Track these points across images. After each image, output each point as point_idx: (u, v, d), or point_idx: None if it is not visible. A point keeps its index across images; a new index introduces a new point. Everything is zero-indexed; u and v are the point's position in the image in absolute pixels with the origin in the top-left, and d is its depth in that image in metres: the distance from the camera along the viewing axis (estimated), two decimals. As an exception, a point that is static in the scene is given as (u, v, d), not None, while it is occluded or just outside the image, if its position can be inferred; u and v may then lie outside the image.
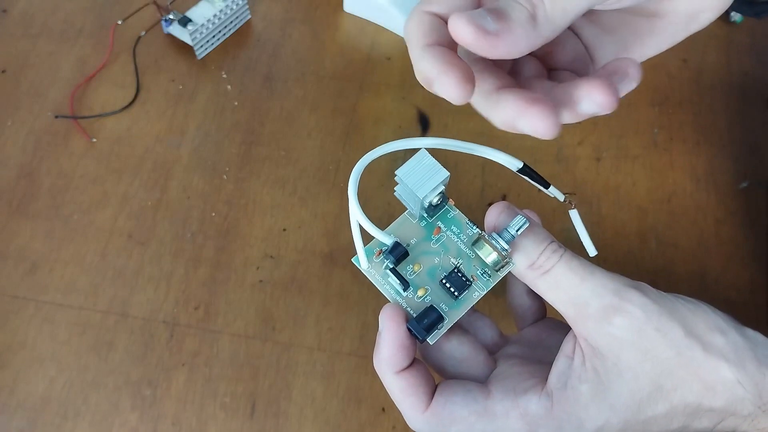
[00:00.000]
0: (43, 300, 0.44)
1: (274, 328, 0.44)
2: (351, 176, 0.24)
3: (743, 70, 0.56)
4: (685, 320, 0.24)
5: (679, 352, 0.23)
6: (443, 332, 0.25)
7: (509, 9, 0.21)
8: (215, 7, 0.53)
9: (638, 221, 0.49)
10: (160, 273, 0.45)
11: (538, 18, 0.21)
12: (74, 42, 0.55)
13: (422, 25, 0.23)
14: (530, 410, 0.25)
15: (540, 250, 0.25)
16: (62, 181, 0.48)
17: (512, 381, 0.26)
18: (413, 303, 0.26)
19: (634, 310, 0.23)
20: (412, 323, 0.25)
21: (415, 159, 0.24)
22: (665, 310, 0.24)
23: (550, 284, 0.25)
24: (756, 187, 0.50)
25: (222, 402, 0.42)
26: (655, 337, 0.23)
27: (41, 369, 0.42)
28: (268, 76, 0.54)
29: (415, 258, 0.26)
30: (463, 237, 0.27)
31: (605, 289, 0.24)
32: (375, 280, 0.26)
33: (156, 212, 0.47)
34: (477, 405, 0.25)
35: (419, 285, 0.26)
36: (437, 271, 0.26)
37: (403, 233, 0.27)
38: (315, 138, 0.51)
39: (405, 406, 0.26)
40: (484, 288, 0.26)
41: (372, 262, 0.27)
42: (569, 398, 0.24)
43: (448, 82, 0.21)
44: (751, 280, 0.47)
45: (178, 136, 0.51)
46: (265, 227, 0.47)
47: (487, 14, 0.21)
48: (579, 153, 0.51)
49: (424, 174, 0.24)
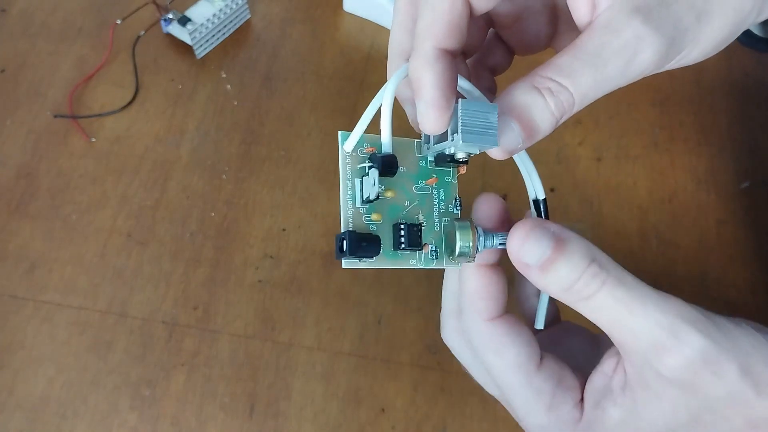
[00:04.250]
0: (42, 300, 0.44)
1: (274, 328, 0.44)
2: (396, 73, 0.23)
3: (744, 70, 0.56)
4: (744, 357, 0.22)
5: (730, 393, 0.21)
6: (359, 267, 0.23)
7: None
8: (215, 6, 0.53)
9: (639, 221, 0.48)
10: (160, 273, 0.45)
11: (564, 118, 0.22)
12: (73, 41, 0.54)
13: (444, 73, 0.22)
14: (560, 410, 0.24)
15: (577, 275, 0.22)
16: (61, 180, 0.48)
17: (560, 371, 0.25)
18: (358, 219, 0.23)
19: (691, 354, 0.21)
20: (351, 235, 0.22)
21: (483, 106, 0.21)
22: (724, 350, 0.21)
23: (592, 309, 0.22)
24: (757, 187, 0.50)
25: (221, 402, 0.41)
26: (709, 380, 0.21)
27: (40, 369, 0.42)
28: (268, 76, 0.54)
29: (393, 184, 0.24)
30: (442, 206, 0.25)
31: (658, 327, 0.21)
32: (344, 169, 0.23)
33: (155, 212, 0.47)
34: (527, 362, 0.24)
35: (377, 210, 0.24)
36: (399, 214, 0.24)
37: (399, 154, 0.24)
38: (315, 138, 0.51)
39: (472, 306, 0.25)
40: (425, 263, 0.24)
41: (356, 151, 0.24)
42: (597, 418, 0.23)
43: (437, 118, 0.22)
44: (752, 280, 0.47)
45: (177, 135, 0.51)
46: (265, 227, 0.47)
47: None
48: (579, 153, 0.51)
49: (480, 126, 0.21)
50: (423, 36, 0.22)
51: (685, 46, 0.23)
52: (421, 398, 0.42)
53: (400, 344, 0.44)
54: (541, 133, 0.22)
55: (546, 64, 0.22)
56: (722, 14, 0.23)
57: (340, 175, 0.24)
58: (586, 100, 0.22)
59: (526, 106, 0.22)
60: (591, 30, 0.22)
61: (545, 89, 0.22)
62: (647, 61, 0.22)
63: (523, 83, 0.22)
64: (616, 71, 0.22)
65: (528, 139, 0.22)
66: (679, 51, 0.22)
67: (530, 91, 0.22)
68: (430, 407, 0.42)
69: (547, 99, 0.22)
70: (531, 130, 0.22)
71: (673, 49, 0.22)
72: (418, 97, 0.22)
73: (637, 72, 0.22)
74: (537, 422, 0.24)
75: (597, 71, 0.22)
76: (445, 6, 0.22)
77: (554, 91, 0.22)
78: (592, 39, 0.22)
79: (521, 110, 0.22)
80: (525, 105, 0.22)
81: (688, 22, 0.22)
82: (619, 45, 0.21)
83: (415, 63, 0.22)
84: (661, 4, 0.22)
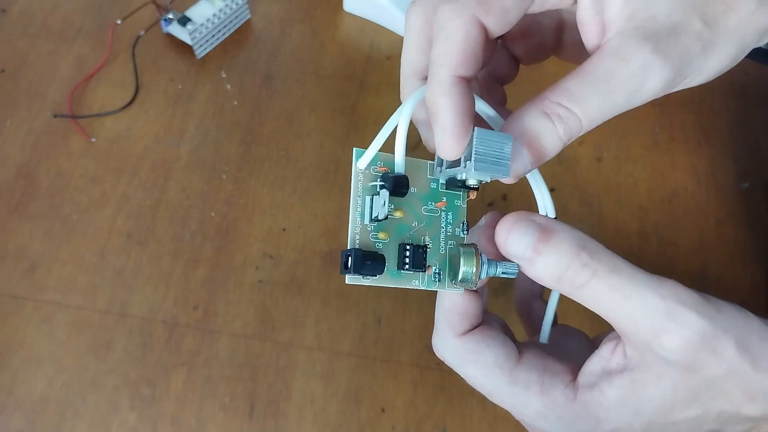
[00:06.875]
0: (41, 299, 0.44)
1: (274, 328, 0.44)
2: (410, 98, 0.23)
3: (744, 69, 0.56)
4: (740, 333, 0.22)
5: (728, 370, 0.22)
6: (362, 283, 0.23)
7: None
8: (215, 6, 0.53)
9: (639, 221, 0.48)
10: (159, 273, 0.45)
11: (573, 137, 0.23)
12: (73, 41, 0.54)
13: (462, 101, 0.22)
14: (552, 394, 0.24)
15: (565, 265, 0.22)
16: (61, 180, 0.48)
17: (543, 360, 0.25)
18: (365, 237, 0.23)
19: (690, 335, 0.21)
20: (357, 253, 0.23)
21: (498, 137, 0.22)
22: (721, 328, 0.22)
23: (587, 298, 0.23)
24: (757, 187, 0.50)
25: (221, 402, 0.41)
26: (709, 359, 0.22)
27: (40, 369, 0.42)
28: (268, 76, 0.54)
29: (402, 204, 0.24)
30: (449, 229, 0.25)
31: (656, 311, 0.22)
32: (356, 185, 0.24)
33: (155, 212, 0.47)
34: (506, 361, 0.25)
35: (385, 229, 0.24)
36: (406, 234, 0.24)
37: (411, 174, 0.24)
38: (315, 138, 0.51)
39: (443, 322, 0.25)
40: (427, 285, 0.24)
41: (369, 169, 0.24)
42: (594, 399, 0.24)
43: (453, 145, 0.22)
44: (752, 280, 0.47)
45: (177, 135, 0.51)
46: (265, 227, 0.47)
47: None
48: (580, 153, 0.51)
49: (494, 156, 0.21)
50: (439, 63, 0.22)
51: (689, 75, 0.23)
52: (421, 398, 0.42)
53: (400, 344, 0.44)
54: (548, 157, 0.23)
55: (555, 89, 0.22)
56: (726, 45, 0.23)
57: (351, 191, 0.24)
58: (593, 125, 0.23)
59: (536, 133, 0.22)
60: (600, 54, 0.23)
61: (555, 115, 0.22)
62: (654, 89, 0.22)
63: (533, 108, 0.22)
64: (623, 98, 0.22)
65: (535, 163, 0.23)
66: (683, 79, 0.23)
67: (540, 117, 0.22)
68: (430, 407, 0.42)
69: (556, 125, 0.22)
70: (540, 155, 0.22)
71: (679, 77, 0.23)
72: (435, 123, 0.22)
73: (642, 99, 0.23)
74: (534, 411, 0.24)
75: (605, 98, 0.22)
76: (460, 35, 0.22)
77: (563, 118, 0.22)
78: (601, 64, 0.22)
79: (531, 137, 0.22)
80: (535, 131, 0.22)
81: (694, 52, 0.22)
82: (629, 73, 0.22)
83: (431, 89, 0.22)
84: (670, 33, 0.22)
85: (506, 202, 0.48)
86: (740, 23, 0.23)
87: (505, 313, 0.30)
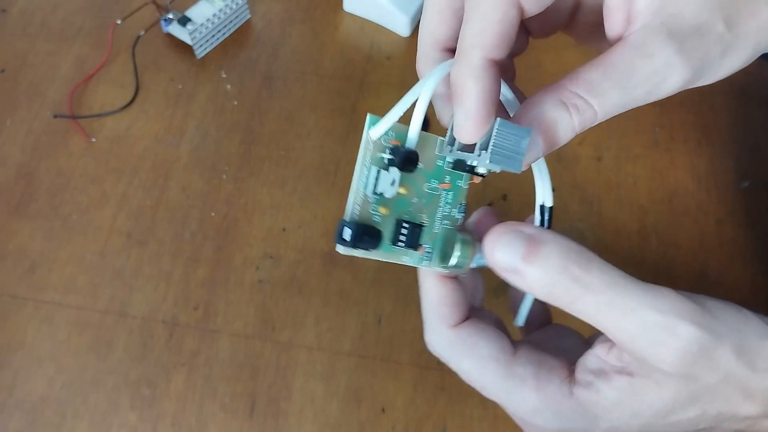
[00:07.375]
0: (41, 299, 0.44)
1: (274, 327, 0.44)
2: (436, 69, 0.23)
3: (744, 69, 0.55)
4: (737, 336, 0.22)
5: (727, 375, 0.22)
6: (353, 254, 0.23)
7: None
8: (215, 6, 0.53)
9: (639, 221, 0.48)
10: (159, 273, 0.45)
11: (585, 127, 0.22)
12: (73, 41, 0.54)
13: (490, 86, 0.22)
14: (548, 389, 0.24)
15: (553, 280, 0.22)
16: (61, 180, 0.48)
17: (539, 355, 0.25)
18: (366, 209, 0.23)
19: (688, 347, 0.21)
20: (358, 227, 0.22)
21: (518, 130, 0.21)
22: (718, 335, 0.22)
23: (580, 312, 0.22)
24: (757, 187, 0.50)
25: (221, 402, 0.41)
26: (708, 367, 0.22)
27: (40, 369, 0.42)
28: (268, 76, 0.54)
29: (406, 180, 0.24)
30: (447, 209, 0.25)
31: (654, 326, 0.21)
32: (364, 154, 0.23)
33: (155, 212, 0.47)
34: (501, 354, 0.24)
35: (386, 203, 0.23)
36: (404, 210, 0.24)
37: (419, 149, 0.24)
38: (315, 138, 0.51)
39: (434, 316, 0.25)
40: (417, 262, 0.24)
41: (380, 140, 0.23)
42: (590, 397, 0.23)
43: (475, 130, 0.21)
44: (752, 280, 0.47)
45: (177, 135, 0.51)
46: (265, 227, 0.47)
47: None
48: (580, 153, 0.51)
49: (510, 149, 0.21)
50: (471, 44, 0.22)
51: (705, 75, 0.23)
52: (421, 398, 0.42)
53: (400, 344, 0.44)
54: (559, 145, 0.23)
55: (575, 78, 0.22)
56: (744, 49, 0.23)
57: (358, 158, 0.23)
58: (607, 117, 0.23)
59: (552, 121, 0.22)
60: (624, 47, 0.22)
61: (572, 105, 0.22)
62: (671, 87, 0.22)
63: (551, 96, 0.22)
64: (641, 95, 0.22)
65: (546, 151, 0.22)
66: (698, 79, 0.23)
67: (558, 106, 0.22)
68: (430, 407, 0.42)
69: (572, 116, 0.22)
70: (552, 143, 0.22)
71: (695, 78, 0.23)
72: (458, 105, 0.22)
73: (659, 95, 0.23)
74: (529, 407, 0.24)
75: (624, 92, 0.22)
76: (498, 16, 0.21)
77: (581, 109, 0.22)
78: (624, 58, 0.22)
79: (547, 126, 0.22)
80: (551, 120, 0.22)
81: (714, 56, 0.23)
82: (651, 71, 0.22)
83: (460, 70, 0.22)
84: (694, 33, 0.22)
85: (506, 202, 0.48)
86: (760, 28, 0.23)
87: (505, 314, 0.30)
